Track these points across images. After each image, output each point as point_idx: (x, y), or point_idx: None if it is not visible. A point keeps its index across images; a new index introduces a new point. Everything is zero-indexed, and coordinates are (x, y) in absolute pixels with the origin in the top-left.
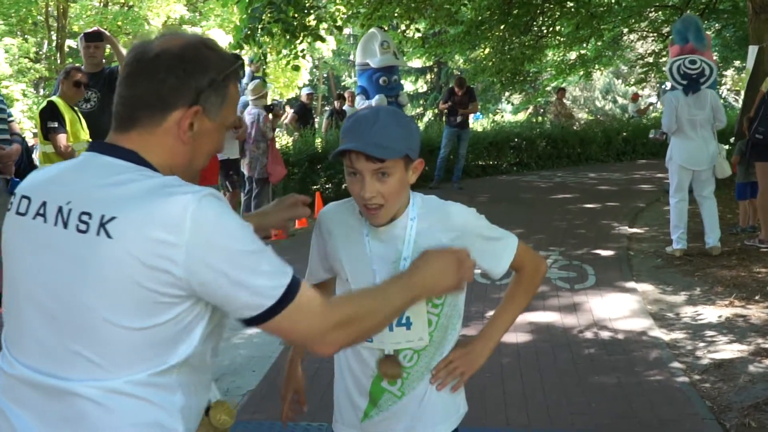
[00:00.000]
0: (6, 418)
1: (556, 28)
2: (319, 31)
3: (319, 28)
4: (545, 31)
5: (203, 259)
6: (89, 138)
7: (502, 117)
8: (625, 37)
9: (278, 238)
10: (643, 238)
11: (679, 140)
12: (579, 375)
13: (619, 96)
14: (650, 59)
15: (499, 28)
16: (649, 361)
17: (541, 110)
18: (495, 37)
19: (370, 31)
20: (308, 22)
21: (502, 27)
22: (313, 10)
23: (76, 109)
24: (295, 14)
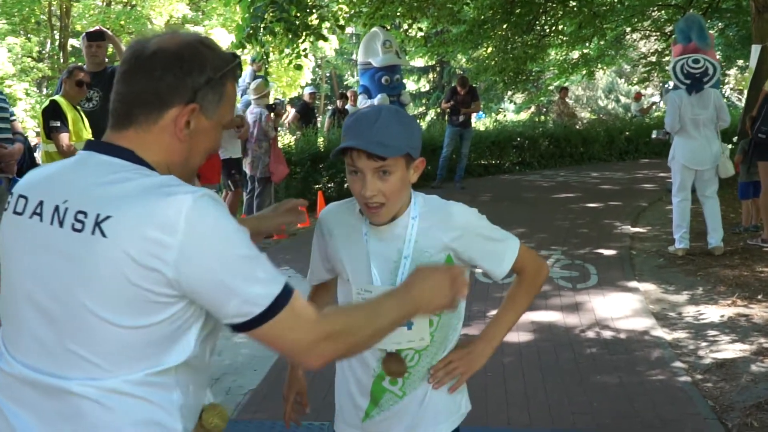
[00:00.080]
0: (5, 417)
1: (558, 27)
2: (322, 30)
3: (321, 27)
4: (548, 31)
5: (194, 261)
6: (92, 137)
7: (505, 116)
8: (627, 37)
9: (279, 238)
10: (646, 238)
11: (682, 139)
12: (581, 374)
13: (621, 95)
14: (653, 58)
15: (501, 27)
16: (651, 360)
17: (544, 109)
18: (497, 37)
19: (373, 30)
20: (311, 21)
21: (505, 26)
22: (316, 9)
23: (79, 109)
24: (297, 13)
